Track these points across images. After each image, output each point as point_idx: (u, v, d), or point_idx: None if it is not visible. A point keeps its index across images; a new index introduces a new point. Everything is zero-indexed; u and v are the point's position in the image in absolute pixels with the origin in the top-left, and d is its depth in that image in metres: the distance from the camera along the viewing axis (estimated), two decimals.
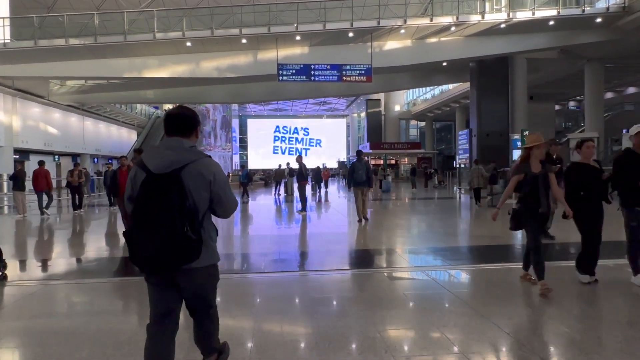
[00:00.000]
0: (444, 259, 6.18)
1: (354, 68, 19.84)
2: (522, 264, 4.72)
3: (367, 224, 9.43)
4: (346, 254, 6.86)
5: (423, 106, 47.41)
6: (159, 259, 2.10)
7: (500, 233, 7.53)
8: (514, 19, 19.94)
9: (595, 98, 26.59)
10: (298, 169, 12.39)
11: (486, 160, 22.11)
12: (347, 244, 7.80)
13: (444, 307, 3.93)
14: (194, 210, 2.15)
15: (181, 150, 2.20)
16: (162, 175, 2.11)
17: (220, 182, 2.25)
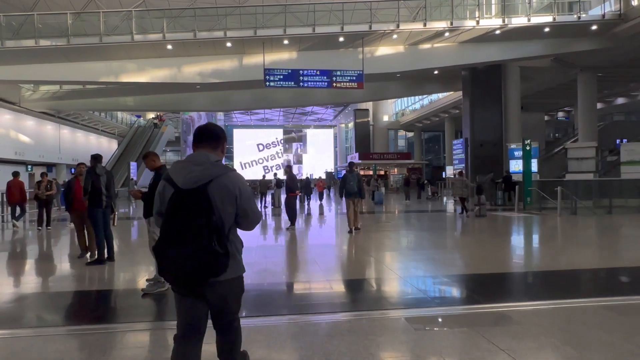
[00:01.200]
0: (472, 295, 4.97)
1: (344, 74, 18.93)
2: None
3: (371, 249, 8.40)
4: (341, 287, 5.54)
5: (412, 116, 46.95)
6: (188, 272, 2.15)
7: (520, 256, 6.57)
8: (509, 25, 19.35)
9: (588, 107, 26.24)
10: (287, 180, 11.27)
11: (485, 171, 21.47)
12: (341, 272, 6.69)
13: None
14: (220, 224, 2.20)
15: (208, 165, 2.24)
16: (189, 191, 2.17)
17: (245, 196, 2.31)
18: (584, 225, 10.79)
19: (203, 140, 2.35)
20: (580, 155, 19.41)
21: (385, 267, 6.10)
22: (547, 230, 9.92)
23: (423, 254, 7.07)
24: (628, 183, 14.37)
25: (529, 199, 14.48)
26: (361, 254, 7.44)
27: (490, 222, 11.55)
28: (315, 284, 5.27)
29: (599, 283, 5.30)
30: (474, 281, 5.23)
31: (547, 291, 4.79)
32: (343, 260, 7.10)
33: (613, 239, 8.74)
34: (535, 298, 4.40)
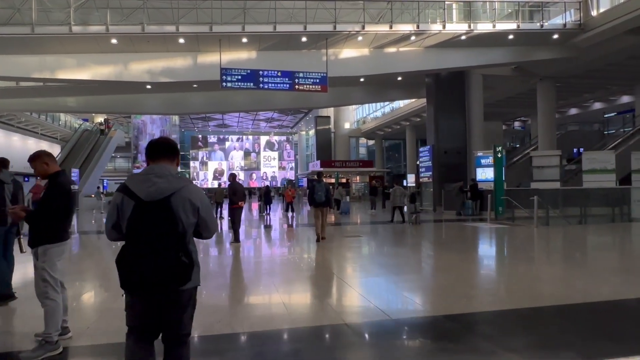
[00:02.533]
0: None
1: (307, 76, 17.84)
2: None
3: (333, 273, 7.25)
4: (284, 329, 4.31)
5: (373, 124, 46.66)
6: (155, 282, 2.18)
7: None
8: (474, 30, 19.02)
9: (547, 117, 26.53)
10: (228, 190, 9.89)
11: (450, 179, 20.99)
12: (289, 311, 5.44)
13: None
14: (184, 234, 2.27)
15: (170, 177, 2.28)
16: (153, 203, 2.20)
17: (206, 207, 2.38)
18: (568, 237, 10.17)
19: (161, 153, 2.38)
20: (545, 163, 19.29)
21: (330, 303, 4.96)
22: (538, 245, 9.15)
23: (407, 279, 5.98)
24: (597, 192, 14.06)
25: (501, 208, 13.88)
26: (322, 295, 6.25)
27: (475, 236, 10.73)
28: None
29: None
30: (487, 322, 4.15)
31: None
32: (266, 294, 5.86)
33: (613, 257, 8.03)
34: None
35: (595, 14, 19.55)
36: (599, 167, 19.23)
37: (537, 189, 12.77)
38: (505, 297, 4.67)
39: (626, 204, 13.70)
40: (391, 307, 4.34)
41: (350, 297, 4.87)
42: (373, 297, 4.65)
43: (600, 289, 4.94)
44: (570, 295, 4.61)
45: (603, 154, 19.88)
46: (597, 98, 33.13)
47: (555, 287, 4.99)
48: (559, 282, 5.27)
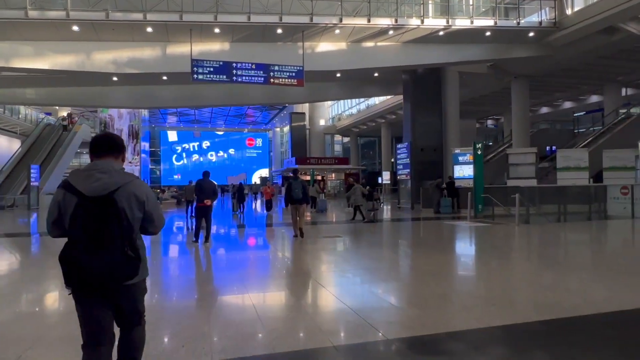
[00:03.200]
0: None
1: (283, 69, 17.20)
2: None
3: (312, 277, 6.73)
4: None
5: (348, 121, 46.39)
6: (103, 278, 2.19)
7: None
8: (452, 26, 18.83)
9: (521, 115, 26.78)
10: (196, 187, 9.33)
11: (427, 176, 20.78)
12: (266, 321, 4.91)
13: None
14: (130, 229, 2.28)
15: (114, 173, 2.28)
16: (97, 198, 2.19)
17: (152, 202, 2.40)
18: (553, 236, 9.94)
19: (107, 149, 2.38)
20: (521, 161, 19.32)
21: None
22: (526, 245, 8.86)
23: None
24: (576, 189, 14.04)
25: (481, 206, 13.67)
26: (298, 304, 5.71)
27: (458, 235, 10.39)
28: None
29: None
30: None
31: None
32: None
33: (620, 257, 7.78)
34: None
35: (570, 13, 19.69)
36: (572, 164, 19.44)
37: (517, 186, 12.60)
38: (510, 308, 4.19)
39: (602, 201, 13.71)
40: (386, 323, 3.83)
41: (335, 310, 4.34)
42: (364, 311, 4.13)
43: (612, 296, 4.54)
44: (578, 306, 4.18)
45: (577, 151, 20.12)
46: (567, 97, 33.80)
47: (560, 295, 4.56)
48: (562, 289, 4.85)
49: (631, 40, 19.69)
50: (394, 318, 3.94)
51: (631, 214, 12.93)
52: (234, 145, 66.66)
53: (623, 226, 11.68)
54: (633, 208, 12.96)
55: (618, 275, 5.49)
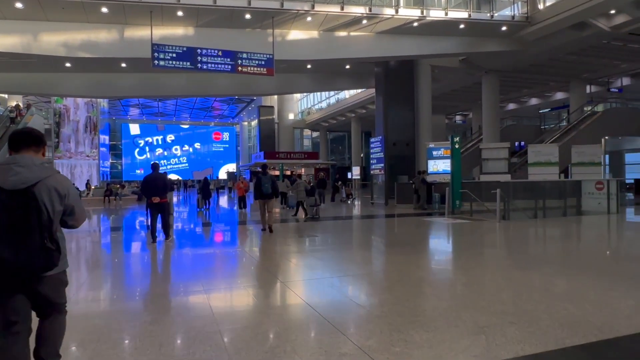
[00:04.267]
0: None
1: (252, 57, 16.20)
2: None
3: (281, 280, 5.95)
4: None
5: (318, 115, 45.64)
6: (21, 269, 2.25)
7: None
8: (427, 17, 18.38)
9: (492, 110, 26.81)
10: (142, 183, 8.43)
11: (400, 171, 20.39)
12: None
13: None
14: (50, 222, 2.31)
15: (34, 167, 2.31)
16: (16, 192, 2.22)
17: (73, 196, 2.45)
18: (543, 234, 9.54)
19: (27, 143, 2.40)
20: (494, 155, 19.17)
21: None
22: (519, 245, 8.36)
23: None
24: (553, 184, 13.85)
25: (458, 202, 13.24)
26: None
27: (445, 234, 9.83)
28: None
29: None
30: None
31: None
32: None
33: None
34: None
35: (541, 8, 19.63)
36: (543, 159, 19.46)
37: (497, 181, 12.23)
38: (532, 327, 3.50)
39: (577, 196, 13.57)
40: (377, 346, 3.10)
41: (304, 320, 3.58)
42: (339, 322, 3.37)
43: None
44: (612, 323, 3.53)
45: (547, 147, 20.17)
46: (534, 94, 34.29)
47: (583, 308, 3.89)
48: (581, 299, 4.16)
49: (600, 36, 19.86)
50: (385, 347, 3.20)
51: (607, 209, 12.81)
52: (199, 139, 64.69)
53: (605, 222, 11.50)
54: (609, 203, 12.86)
55: (637, 280, 4.96)
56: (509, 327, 3.38)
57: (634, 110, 26.04)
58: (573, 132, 24.27)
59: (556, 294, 4.41)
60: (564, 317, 3.54)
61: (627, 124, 25.10)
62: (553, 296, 4.30)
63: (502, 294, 4.42)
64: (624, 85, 29.16)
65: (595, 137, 23.41)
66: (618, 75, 28.39)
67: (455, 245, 8.28)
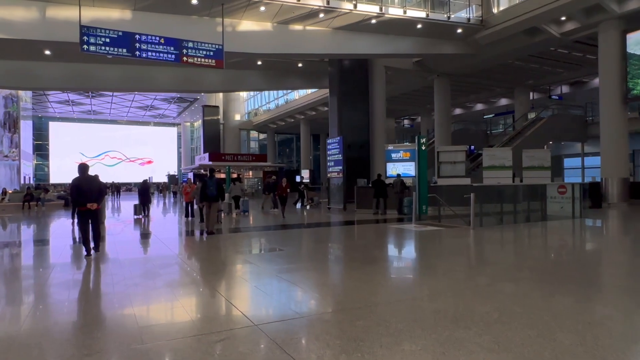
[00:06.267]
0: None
1: (199, 47, 14.56)
2: None
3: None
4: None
5: (266, 116, 44.10)
6: None
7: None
8: (385, 14, 17.70)
9: (443, 114, 26.84)
10: (72, 187, 7.00)
11: (356, 174, 19.52)
12: None
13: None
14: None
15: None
16: None
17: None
18: (531, 243, 8.86)
19: None
20: (452, 159, 18.79)
21: None
22: (517, 257, 7.49)
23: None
24: (519, 188, 13.47)
25: (425, 207, 12.47)
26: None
27: (426, 245, 8.88)
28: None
29: None
30: None
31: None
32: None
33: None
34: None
35: (496, 12, 19.66)
36: (497, 163, 19.40)
37: (469, 185, 11.58)
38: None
39: (541, 201, 13.29)
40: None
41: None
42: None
43: None
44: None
45: (501, 150, 20.14)
46: (480, 99, 35.06)
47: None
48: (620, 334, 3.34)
49: (549, 42, 20.24)
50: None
51: (571, 213, 12.60)
52: (137, 139, 60.70)
53: (580, 227, 11.17)
54: (574, 207, 12.65)
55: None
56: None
57: (574, 117, 27.10)
58: (520, 138, 24.70)
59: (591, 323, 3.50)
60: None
61: (568, 130, 26.03)
62: (594, 329, 3.38)
63: (525, 328, 3.43)
64: (563, 92, 30.48)
65: (540, 142, 23.99)
66: (559, 83, 29.59)
67: (430, 261, 7.34)
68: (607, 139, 18.05)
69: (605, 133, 18.15)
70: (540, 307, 3.95)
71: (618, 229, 11.66)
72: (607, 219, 13.32)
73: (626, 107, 18.59)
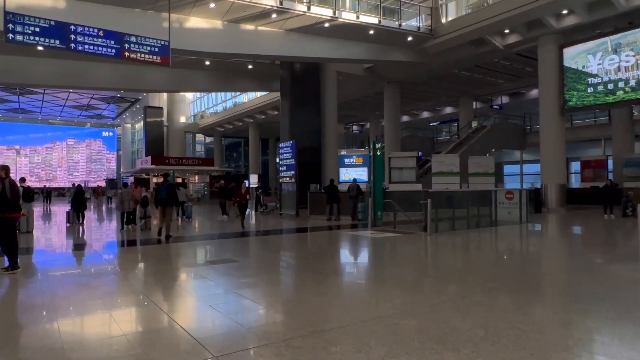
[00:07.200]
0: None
1: (142, 42, 13.52)
2: None
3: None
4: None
5: (212, 119, 42.73)
6: None
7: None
8: (339, 18, 17.56)
9: (393, 120, 27.22)
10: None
11: (308, 179, 19.14)
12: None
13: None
14: None
15: None
16: None
17: None
18: (495, 250, 8.83)
19: None
20: (403, 164, 18.95)
21: None
22: (488, 266, 7.32)
23: None
24: (472, 194, 13.68)
25: (380, 213, 12.32)
26: None
27: (391, 252, 8.60)
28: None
29: None
30: None
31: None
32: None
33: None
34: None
35: (444, 22, 20.13)
36: (446, 169, 19.84)
37: (426, 190, 11.53)
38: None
39: (491, 206, 13.57)
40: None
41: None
42: None
43: None
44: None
45: (449, 157, 20.64)
46: (427, 107, 36.04)
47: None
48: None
49: (494, 54, 21.07)
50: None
51: (519, 218, 12.96)
52: (71, 141, 56.74)
53: (528, 233, 11.44)
54: (520, 213, 13.02)
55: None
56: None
57: (514, 126, 28.49)
58: (465, 145, 25.51)
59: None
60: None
61: (509, 138, 27.29)
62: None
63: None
64: (503, 102, 32.00)
65: (483, 149, 24.91)
66: (500, 93, 31.03)
67: (395, 271, 7.09)
68: (547, 147, 18.98)
69: (544, 142, 19.07)
70: (522, 322, 3.73)
71: (570, 233, 12.07)
72: (553, 223, 13.87)
73: (563, 117, 19.69)
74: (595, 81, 18.10)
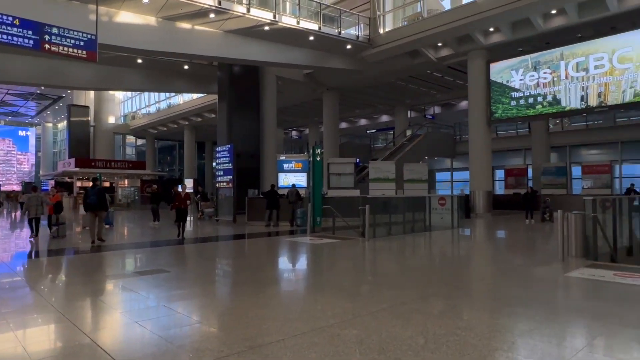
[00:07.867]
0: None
1: (66, 34, 12.44)
2: None
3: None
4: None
5: (145, 120, 40.70)
6: None
7: None
8: (279, 22, 17.45)
9: (332, 126, 27.51)
10: None
11: (246, 184, 18.67)
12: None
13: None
14: None
15: None
16: None
17: None
18: (435, 255, 9.00)
19: None
20: (341, 170, 19.12)
21: None
22: (435, 272, 7.38)
23: None
24: (408, 200, 14.04)
25: (319, 218, 12.27)
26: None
27: (334, 258, 8.48)
28: None
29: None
30: None
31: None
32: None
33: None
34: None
35: (382, 32, 20.71)
36: (382, 176, 20.33)
37: (365, 196, 11.64)
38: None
39: (425, 212, 14.03)
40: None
41: None
42: None
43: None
44: None
45: (385, 164, 21.18)
46: (364, 115, 36.87)
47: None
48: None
49: (427, 65, 22.01)
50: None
51: (451, 224, 13.51)
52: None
53: (460, 237, 11.91)
54: (452, 218, 13.58)
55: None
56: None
57: (445, 135, 29.90)
58: (400, 153, 26.35)
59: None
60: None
61: (441, 146, 28.63)
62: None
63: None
64: (436, 112, 33.53)
65: (417, 157, 25.88)
66: (432, 103, 32.47)
67: (356, 280, 7.03)
68: (475, 156, 20.08)
69: (473, 150, 20.16)
70: (460, 327, 3.77)
71: (497, 237, 12.74)
72: (482, 228, 14.63)
73: (490, 128, 20.96)
74: (518, 95, 19.49)
